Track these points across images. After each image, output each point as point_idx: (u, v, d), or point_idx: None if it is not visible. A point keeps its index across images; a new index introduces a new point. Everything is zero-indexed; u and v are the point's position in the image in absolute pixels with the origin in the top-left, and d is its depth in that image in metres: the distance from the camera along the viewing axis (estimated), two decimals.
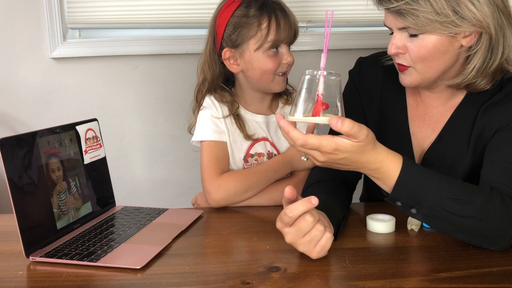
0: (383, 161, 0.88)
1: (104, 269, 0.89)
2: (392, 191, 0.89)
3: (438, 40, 0.98)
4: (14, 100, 1.93)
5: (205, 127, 1.31)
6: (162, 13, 1.87)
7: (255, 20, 1.24)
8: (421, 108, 1.16)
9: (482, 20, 0.96)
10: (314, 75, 0.86)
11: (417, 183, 0.88)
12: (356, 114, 1.21)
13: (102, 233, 1.04)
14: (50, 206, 1.01)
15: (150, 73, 1.93)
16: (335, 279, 0.84)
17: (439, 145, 1.13)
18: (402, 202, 0.90)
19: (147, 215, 1.14)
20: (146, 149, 2.00)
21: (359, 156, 0.86)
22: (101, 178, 1.19)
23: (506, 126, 1.02)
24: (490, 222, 0.90)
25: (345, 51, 1.84)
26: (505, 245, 0.92)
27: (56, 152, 1.05)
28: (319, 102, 0.84)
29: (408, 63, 1.03)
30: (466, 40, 0.99)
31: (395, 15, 0.99)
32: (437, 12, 0.95)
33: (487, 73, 1.03)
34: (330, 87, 0.85)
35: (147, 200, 2.01)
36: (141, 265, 0.88)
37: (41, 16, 1.85)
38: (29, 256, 0.93)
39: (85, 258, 0.91)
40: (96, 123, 1.19)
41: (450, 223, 0.90)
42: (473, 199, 0.89)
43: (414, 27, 0.97)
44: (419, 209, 0.89)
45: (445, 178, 0.91)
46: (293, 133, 0.85)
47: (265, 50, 1.25)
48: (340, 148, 0.84)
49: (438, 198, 0.88)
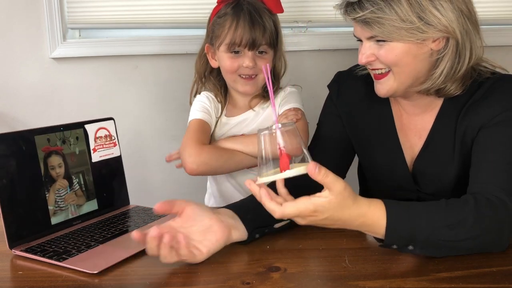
0: (366, 213, 0.86)
1: (72, 270, 0.89)
2: (385, 239, 0.88)
3: (405, 46, 0.99)
4: (14, 100, 1.93)
5: (193, 109, 1.39)
6: (162, 13, 1.87)
7: (223, 20, 1.30)
8: (405, 117, 1.16)
9: (448, 25, 0.97)
10: (270, 131, 0.84)
11: (407, 223, 0.87)
12: (335, 131, 1.22)
13: (94, 231, 1.05)
14: (44, 201, 1.02)
15: (150, 73, 1.93)
16: (335, 279, 0.84)
17: (427, 153, 1.12)
18: (397, 244, 0.89)
19: (149, 216, 1.14)
20: (146, 149, 2.00)
21: (340, 214, 0.84)
22: (113, 177, 1.21)
23: (489, 122, 1.01)
24: (486, 235, 0.89)
25: (346, 51, 1.84)
26: (504, 245, 0.92)
27: (58, 150, 1.06)
28: (283, 155, 0.82)
29: (384, 66, 1.03)
30: (435, 43, 1.00)
31: (362, 25, 1.00)
32: (402, 19, 0.95)
33: (455, 78, 1.03)
34: (290, 137, 0.83)
35: (147, 200, 2.00)
36: (98, 270, 0.87)
37: (41, 16, 1.85)
38: (12, 248, 0.96)
39: (54, 257, 0.92)
40: (112, 122, 1.21)
41: (449, 249, 0.89)
42: (463, 219, 0.88)
43: (381, 35, 0.98)
44: (415, 245, 0.88)
45: (430, 206, 0.90)
46: (269, 206, 0.84)
47: (225, 50, 1.30)
48: (319, 208, 0.82)
49: (430, 230, 0.87)
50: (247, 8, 1.28)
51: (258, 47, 1.29)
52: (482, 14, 1.07)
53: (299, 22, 1.84)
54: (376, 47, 1.02)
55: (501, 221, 0.90)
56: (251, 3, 1.30)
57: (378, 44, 1.01)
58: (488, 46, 1.09)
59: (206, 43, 1.37)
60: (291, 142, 0.83)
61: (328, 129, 1.23)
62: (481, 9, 1.09)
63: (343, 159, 1.24)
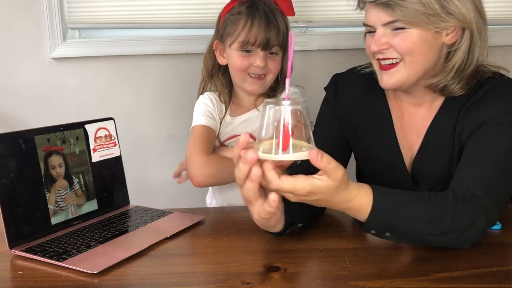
0: (355, 198, 0.87)
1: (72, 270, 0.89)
2: (365, 222, 0.89)
3: (422, 34, 0.98)
4: (14, 100, 1.93)
5: (197, 113, 1.38)
6: (163, 13, 1.87)
7: (237, 18, 1.29)
8: (405, 118, 1.15)
9: (467, 15, 0.98)
10: (277, 104, 0.78)
11: (389, 212, 0.88)
12: (331, 130, 1.21)
13: (94, 231, 1.05)
14: (44, 201, 1.02)
15: (150, 73, 1.93)
16: (335, 279, 0.84)
17: (425, 152, 1.12)
18: (376, 230, 0.90)
19: (149, 216, 1.14)
20: (146, 149, 2.00)
21: (332, 197, 0.84)
22: (113, 176, 1.21)
23: (488, 122, 1.01)
24: (461, 230, 0.90)
25: (346, 51, 1.84)
26: (476, 241, 0.93)
27: (58, 149, 1.06)
28: (286, 133, 0.77)
29: (396, 55, 1.02)
30: (448, 37, 1.00)
31: (383, 8, 0.98)
32: (424, 5, 0.95)
33: (464, 75, 1.03)
34: (297, 116, 0.78)
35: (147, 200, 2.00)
36: (98, 270, 0.87)
37: (41, 16, 1.85)
38: (12, 248, 0.96)
39: (54, 257, 0.92)
40: (112, 122, 1.21)
41: (423, 240, 0.92)
42: (442, 214, 0.89)
43: (403, 19, 0.97)
44: (393, 233, 0.90)
45: (414, 198, 0.91)
46: (269, 175, 0.79)
47: (237, 49, 1.29)
48: (316, 190, 0.81)
49: (410, 223, 0.89)
50: (263, 8, 1.28)
51: (271, 47, 1.29)
52: None
53: (299, 22, 1.84)
54: (391, 34, 1.01)
55: (475, 217, 0.91)
56: (266, 4, 1.30)
57: (394, 32, 1.00)
58: (488, 46, 1.09)
59: (215, 40, 1.37)
60: (298, 121, 0.79)
61: (324, 129, 1.23)
62: None
63: (339, 158, 1.22)
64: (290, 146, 0.77)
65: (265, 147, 0.79)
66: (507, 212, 1.12)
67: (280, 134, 0.77)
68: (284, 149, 0.77)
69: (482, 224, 0.92)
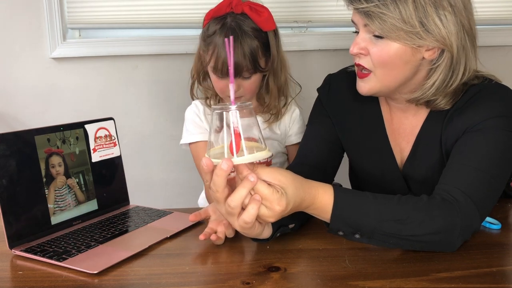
0: (315, 197, 0.86)
1: (72, 270, 0.89)
2: (330, 222, 0.88)
3: (401, 48, 0.97)
4: (13, 100, 1.93)
5: (189, 128, 1.38)
6: (162, 13, 1.87)
7: (208, 42, 1.28)
8: (395, 121, 1.15)
9: (446, 37, 0.96)
10: (224, 109, 0.79)
11: (353, 211, 0.87)
12: (324, 131, 1.21)
13: (94, 231, 1.05)
14: (44, 201, 1.03)
15: (150, 73, 1.93)
16: (335, 279, 0.84)
17: (415, 158, 1.11)
18: (343, 231, 0.89)
19: (149, 216, 1.14)
20: (146, 149, 2.00)
21: (294, 202, 0.83)
22: (113, 176, 1.21)
23: (473, 127, 1.00)
24: (435, 234, 0.89)
25: (346, 51, 1.83)
26: (455, 246, 0.91)
27: (59, 152, 1.06)
28: (236, 135, 0.78)
29: (369, 65, 1.02)
30: (428, 53, 0.99)
31: (363, 16, 0.98)
32: (404, 21, 0.94)
33: (447, 92, 1.03)
34: (245, 118, 0.79)
35: (147, 200, 2.00)
36: (98, 270, 0.87)
37: (41, 16, 1.85)
38: (12, 248, 0.96)
39: (54, 257, 0.92)
40: (112, 122, 1.21)
41: (396, 243, 0.90)
42: (412, 216, 0.88)
43: (380, 32, 0.97)
44: (362, 235, 0.89)
45: (381, 198, 0.90)
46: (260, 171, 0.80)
47: (211, 71, 1.30)
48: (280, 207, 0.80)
49: (376, 222, 0.87)
50: (233, 31, 1.23)
51: (241, 73, 1.26)
52: (482, 14, 1.07)
53: (299, 22, 1.84)
54: (371, 41, 1.00)
55: (452, 222, 0.89)
56: (236, 24, 1.25)
57: (374, 39, 1.00)
58: (488, 46, 1.09)
59: (200, 49, 1.34)
60: (247, 123, 0.80)
61: (317, 129, 1.22)
62: (481, 9, 1.09)
63: (332, 159, 1.22)
64: (244, 149, 0.78)
65: (216, 153, 0.80)
66: (507, 212, 1.12)
67: (232, 138, 0.78)
68: (236, 151, 0.78)
69: (460, 228, 0.90)
